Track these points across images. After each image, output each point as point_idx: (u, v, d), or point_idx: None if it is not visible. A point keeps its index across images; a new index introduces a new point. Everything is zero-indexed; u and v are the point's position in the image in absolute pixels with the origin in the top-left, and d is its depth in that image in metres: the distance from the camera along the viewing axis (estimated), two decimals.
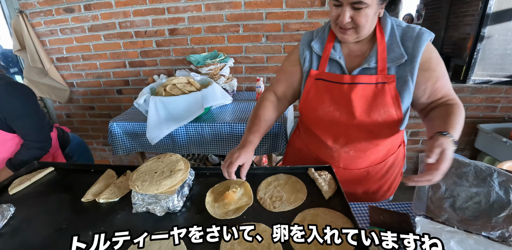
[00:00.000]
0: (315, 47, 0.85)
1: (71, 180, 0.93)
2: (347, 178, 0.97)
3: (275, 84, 0.96)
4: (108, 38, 2.04)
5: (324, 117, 0.88)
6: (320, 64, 0.86)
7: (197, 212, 0.74)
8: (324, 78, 0.85)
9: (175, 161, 0.81)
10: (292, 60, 0.92)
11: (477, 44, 1.99)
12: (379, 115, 0.81)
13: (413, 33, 0.78)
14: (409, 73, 0.78)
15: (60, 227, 0.71)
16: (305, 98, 0.90)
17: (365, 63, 0.80)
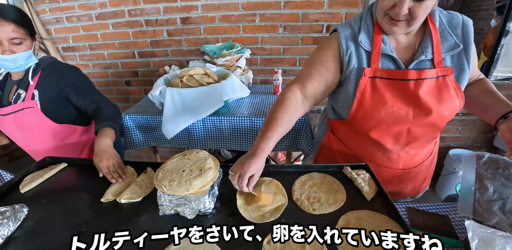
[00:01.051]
0: (363, 42, 0.76)
1: (87, 177, 0.87)
2: (401, 177, 0.92)
3: (305, 79, 0.81)
4: (117, 27, 1.95)
5: (386, 119, 0.79)
6: (372, 60, 0.76)
7: (230, 214, 0.68)
8: (382, 76, 0.77)
9: (203, 159, 0.74)
10: (329, 56, 0.80)
11: (501, 39, 1.91)
12: (448, 109, 0.77)
13: (458, 20, 0.76)
14: (465, 62, 0.76)
15: (80, 230, 0.65)
16: (361, 102, 0.79)
17: (421, 55, 0.74)
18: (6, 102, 1.05)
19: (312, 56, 0.84)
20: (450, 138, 2.19)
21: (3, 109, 1.03)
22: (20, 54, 0.94)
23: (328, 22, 1.75)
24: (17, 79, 1.05)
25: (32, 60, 0.99)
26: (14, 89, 1.05)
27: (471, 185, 0.77)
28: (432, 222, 0.76)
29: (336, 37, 0.79)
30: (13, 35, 0.90)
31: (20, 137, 1.09)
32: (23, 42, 0.94)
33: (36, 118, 1.03)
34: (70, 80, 1.04)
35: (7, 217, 0.65)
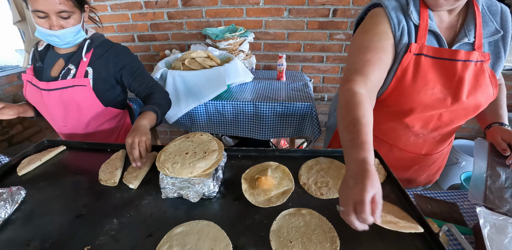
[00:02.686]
0: (413, 14, 0.70)
1: (86, 160, 0.85)
2: (421, 163, 0.90)
3: (365, 68, 0.68)
4: (115, 9, 1.87)
5: (422, 101, 0.73)
6: (419, 36, 0.71)
7: (235, 198, 0.66)
8: (428, 54, 0.71)
9: (207, 141, 0.71)
10: (381, 33, 0.71)
11: None
12: (482, 96, 0.73)
13: (496, 7, 0.73)
14: (502, 50, 0.72)
15: (79, 213, 0.63)
16: (400, 80, 0.73)
17: (464, 38, 0.70)
18: (49, 76, 0.98)
19: (360, 40, 0.73)
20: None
21: (49, 84, 0.95)
22: (69, 29, 0.87)
23: (334, 5, 1.68)
24: (64, 53, 0.99)
25: (81, 35, 0.93)
26: (60, 63, 0.98)
27: (483, 172, 0.75)
28: (440, 209, 0.75)
29: (383, 11, 0.72)
30: (61, 7, 0.82)
31: (61, 115, 1.02)
32: (71, 15, 0.86)
33: (85, 98, 0.97)
34: (127, 63, 0.99)
35: (4, 199, 0.63)
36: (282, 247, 0.51)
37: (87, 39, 0.97)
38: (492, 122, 0.81)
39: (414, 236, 0.54)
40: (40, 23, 0.85)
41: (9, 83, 2.04)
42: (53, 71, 0.99)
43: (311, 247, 0.50)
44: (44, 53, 1.01)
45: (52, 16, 0.83)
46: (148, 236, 0.56)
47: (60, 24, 0.86)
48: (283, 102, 1.21)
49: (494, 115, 0.82)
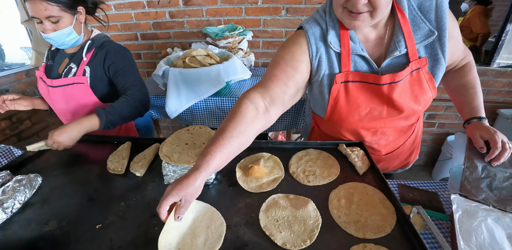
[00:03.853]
0: (332, 43, 0.69)
1: (95, 152, 0.92)
2: (386, 160, 0.95)
3: (268, 82, 0.69)
4: (119, 8, 1.94)
5: (361, 120, 0.79)
6: (342, 63, 0.71)
7: (230, 185, 0.73)
8: (354, 79, 0.72)
9: (205, 133, 0.78)
10: (296, 55, 0.71)
11: (507, 25, 1.88)
12: (421, 102, 0.75)
13: (430, 2, 0.68)
14: (440, 51, 0.69)
15: (91, 197, 0.70)
16: (334, 108, 0.77)
17: (394, 51, 0.68)
18: (56, 74, 1.07)
19: (276, 56, 0.74)
20: (449, 124, 2.21)
21: (54, 81, 1.04)
22: (60, 32, 0.93)
23: None
24: (70, 53, 1.06)
25: (74, 36, 0.98)
26: (66, 62, 1.06)
27: (461, 164, 0.80)
28: (421, 198, 0.80)
29: (304, 36, 0.71)
30: (48, 13, 0.88)
31: (64, 109, 1.10)
32: (60, 19, 0.91)
33: (84, 94, 1.04)
34: (114, 61, 1.03)
35: (23, 184, 0.70)
36: (269, 225, 0.58)
37: (88, 40, 1.04)
38: (470, 117, 0.80)
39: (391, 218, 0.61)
40: (38, 27, 0.93)
41: (17, 80, 2.12)
42: (60, 69, 1.07)
43: (295, 224, 0.57)
44: (55, 52, 1.10)
45: (43, 21, 0.90)
46: (152, 216, 0.63)
47: (52, 27, 0.92)
48: None
49: (471, 109, 0.81)
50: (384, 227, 0.58)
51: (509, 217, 0.67)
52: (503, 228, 0.64)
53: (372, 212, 0.61)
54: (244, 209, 0.64)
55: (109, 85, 1.09)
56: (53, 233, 0.60)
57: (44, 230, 0.60)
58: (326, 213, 0.62)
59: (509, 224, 0.65)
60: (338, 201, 0.65)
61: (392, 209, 0.63)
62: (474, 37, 2.73)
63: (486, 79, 2.00)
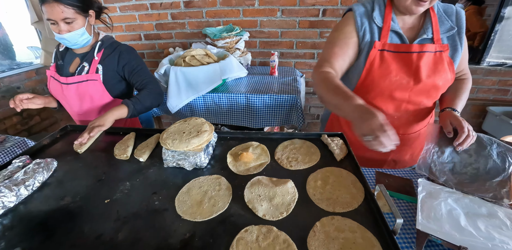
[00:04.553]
0: (376, 18, 0.88)
1: (103, 141, 1.02)
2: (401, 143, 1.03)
3: (332, 58, 0.90)
4: (124, 10, 2.04)
5: (390, 86, 0.91)
6: (382, 35, 0.89)
7: (221, 169, 0.82)
8: (389, 49, 0.89)
9: (200, 123, 0.88)
10: (347, 32, 0.91)
11: (496, 25, 1.96)
12: (440, 79, 0.90)
13: (452, 9, 0.91)
14: (459, 42, 0.90)
15: (100, 178, 0.80)
16: (369, 71, 0.91)
17: (423, 34, 0.88)
18: (68, 72, 1.18)
19: (330, 37, 0.94)
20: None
21: (68, 79, 1.15)
22: (74, 32, 1.04)
23: (324, 6, 1.82)
24: (80, 53, 1.17)
25: (86, 37, 1.10)
26: (77, 61, 1.17)
27: (431, 150, 0.89)
28: (396, 184, 0.89)
29: (352, 15, 0.91)
30: (63, 15, 0.99)
31: (78, 105, 1.21)
32: (74, 21, 1.02)
33: (97, 90, 1.16)
34: (128, 61, 1.16)
35: (42, 167, 0.81)
36: (252, 199, 0.67)
37: (98, 41, 1.14)
38: (446, 107, 0.93)
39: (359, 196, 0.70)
40: (53, 29, 1.04)
41: (28, 78, 2.24)
42: (71, 68, 1.18)
43: (275, 199, 0.67)
44: (64, 53, 1.20)
45: (59, 22, 1.01)
46: (153, 193, 0.73)
47: (66, 28, 1.03)
48: (272, 95, 1.37)
49: (450, 102, 0.95)
50: (352, 203, 0.67)
51: (469, 198, 0.76)
52: (461, 207, 0.72)
53: (343, 191, 0.71)
54: (232, 188, 0.73)
55: (118, 82, 1.20)
56: (68, 206, 0.70)
57: (60, 204, 0.71)
58: (303, 191, 0.71)
59: (468, 204, 0.74)
60: (315, 182, 0.75)
61: (362, 189, 0.72)
62: (472, 37, 2.80)
63: (476, 78, 2.07)
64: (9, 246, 0.58)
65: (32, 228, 0.64)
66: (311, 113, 2.23)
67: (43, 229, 0.63)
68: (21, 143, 1.36)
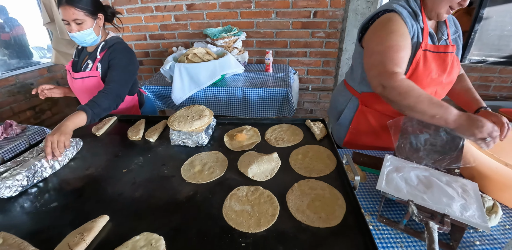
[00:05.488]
0: (420, 21, 0.93)
1: (117, 126, 1.18)
2: None
3: (401, 63, 0.88)
4: (130, 12, 2.20)
5: (429, 83, 0.98)
6: (424, 36, 0.94)
7: (219, 146, 0.98)
8: (431, 50, 0.96)
9: (202, 109, 1.03)
10: (404, 34, 0.91)
11: (475, 24, 2.11)
12: (456, 73, 1.04)
13: (450, 16, 1.03)
14: (460, 43, 1.05)
15: (117, 154, 0.96)
16: (414, 70, 0.96)
17: (443, 36, 1.00)
18: (79, 68, 1.33)
19: (391, 40, 0.90)
20: None
21: (75, 74, 1.30)
22: (83, 32, 1.18)
23: (315, 8, 1.97)
24: (90, 52, 1.32)
25: (93, 36, 1.23)
26: (86, 59, 1.32)
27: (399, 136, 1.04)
28: (370, 161, 1.03)
29: (399, 17, 0.91)
30: (74, 16, 1.13)
31: (83, 98, 1.35)
32: (83, 22, 1.17)
33: (96, 86, 1.28)
34: (113, 58, 1.25)
35: (73, 145, 0.96)
36: (244, 165, 0.83)
37: (102, 42, 1.28)
38: (478, 107, 1.02)
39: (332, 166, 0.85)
40: (67, 28, 1.19)
41: (40, 75, 2.41)
42: (82, 64, 1.33)
43: (262, 165, 0.82)
44: (81, 51, 1.37)
45: (71, 22, 1.16)
46: (162, 165, 0.88)
47: (77, 28, 1.17)
48: (265, 88, 1.52)
49: (476, 101, 1.05)
50: (325, 170, 0.82)
51: (429, 171, 0.89)
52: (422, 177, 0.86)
53: (319, 162, 0.86)
54: (229, 160, 0.89)
55: None
56: (92, 174, 0.85)
57: (86, 173, 0.86)
58: (286, 162, 0.87)
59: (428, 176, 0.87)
60: (296, 155, 0.90)
61: (335, 160, 0.87)
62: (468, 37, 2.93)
63: None
64: (48, 202, 0.74)
65: (64, 190, 0.79)
66: (304, 108, 2.39)
67: (73, 191, 0.78)
68: (40, 131, 1.52)
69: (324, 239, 0.59)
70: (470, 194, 0.77)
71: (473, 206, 0.71)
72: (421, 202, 0.72)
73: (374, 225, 0.73)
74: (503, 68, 2.18)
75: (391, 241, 0.69)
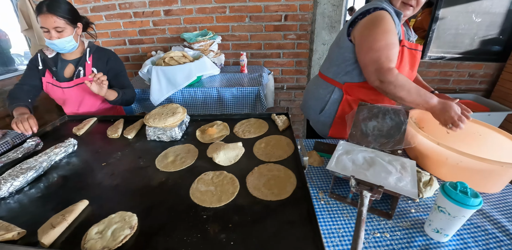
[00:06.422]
0: (400, 19, 1.03)
1: (97, 127, 1.26)
2: None
3: (395, 59, 1.00)
4: (109, 18, 2.27)
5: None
6: (402, 32, 1.05)
7: (192, 140, 1.08)
8: (407, 46, 1.06)
9: (175, 107, 1.13)
10: (395, 33, 1.00)
11: (433, 24, 2.30)
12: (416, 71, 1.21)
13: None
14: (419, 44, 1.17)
15: (97, 151, 1.04)
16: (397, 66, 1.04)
17: (411, 36, 1.13)
18: (64, 77, 1.38)
19: (386, 38, 0.98)
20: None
21: (68, 83, 1.36)
22: (63, 39, 1.25)
23: (285, 12, 2.11)
24: (72, 59, 1.38)
25: (72, 44, 1.30)
26: (71, 67, 1.39)
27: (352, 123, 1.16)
28: (329, 148, 1.15)
29: (389, 15, 1.00)
30: (55, 24, 1.19)
31: (76, 103, 1.43)
32: (64, 30, 1.23)
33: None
34: (113, 66, 1.41)
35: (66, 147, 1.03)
36: (212, 152, 0.93)
37: (87, 48, 1.37)
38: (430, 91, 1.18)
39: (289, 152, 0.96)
40: (45, 35, 1.25)
41: None
42: (66, 73, 1.39)
43: (227, 152, 0.92)
44: (56, 60, 1.39)
45: (51, 30, 1.22)
46: (138, 157, 0.97)
47: (57, 36, 1.24)
48: (239, 87, 1.63)
49: (426, 87, 1.22)
50: (283, 156, 0.93)
51: (375, 153, 1.02)
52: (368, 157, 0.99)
53: (279, 149, 0.97)
54: (199, 150, 0.99)
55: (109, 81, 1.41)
56: (74, 168, 0.93)
57: (67, 168, 0.94)
58: (250, 151, 0.97)
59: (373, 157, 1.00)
60: (259, 144, 1.01)
61: (293, 147, 0.98)
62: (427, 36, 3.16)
63: (420, 70, 2.41)
64: (33, 193, 0.82)
65: (49, 180, 0.87)
66: (281, 106, 2.51)
67: (57, 181, 0.87)
68: (21, 135, 1.57)
69: (274, 209, 0.70)
70: (408, 170, 0.89)
71: (407, 179, 0.83)
72: (363, 177, 0.84)
73: (325, 200, 0.85)
74: (459, 64, 2.37)
75: (339, 213, 0.80)
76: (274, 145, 1.00)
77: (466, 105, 2.22)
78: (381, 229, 0.74)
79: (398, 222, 0.76)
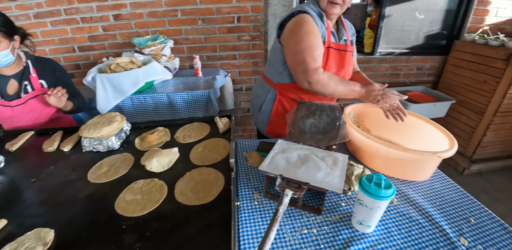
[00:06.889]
0: (324, 21, 1.07)
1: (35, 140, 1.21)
2: None
3: (320, 59, 1.05)
4: (55, 24, 2.17)
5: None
6: (328, 35, 1.08)
7: (131, 148, 1.07)
8: (334, 47, 1.10)
9: (113, 116, 1.11)
10: (318, 35, 1.04)
11: (380, 22, 2.41)
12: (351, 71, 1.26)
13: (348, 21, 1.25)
14: (355, 44, 1.26)
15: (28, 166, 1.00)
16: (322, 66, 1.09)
17: (343, 36, 1.17)
18: (8, 95, 1.29)
19: (308, 40, 1.02)
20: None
21: (15, 101, 1.28)
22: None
23: (237, 14, 2.13)
24: (12, 74, 1.29)
25: (10, 57, 1.22)
26: (13, 83, 1.29)
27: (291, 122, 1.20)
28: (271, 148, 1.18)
29: (311, 18, 1.04)
30: None
31: (25, 119, 1.35)
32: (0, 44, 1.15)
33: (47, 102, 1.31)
34: (60, 77, 1.39)
35: None
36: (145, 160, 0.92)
37: (27, 60, 1.30)
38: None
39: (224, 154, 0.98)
40: None
41: None
42: (9, 90, 1.30)
43: (162, 157, 0.92)
44: None
45: None
46: (71, 170, 0.95)
47: None
48: (189, 92, 1.63)
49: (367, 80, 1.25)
50: (218, 159, 0.95)
51: (310, 150, 1.06)
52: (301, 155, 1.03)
53: (215, 152, 0.99)
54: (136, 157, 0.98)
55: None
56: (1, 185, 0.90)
57: None
58: (186, 155, 0.98)
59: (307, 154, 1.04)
60: (197, 148, 1.02)
61: (228, 150, 1.00)
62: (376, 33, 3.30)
63: (372, 66, 2.52)
64: None
65: None
66: (241, 107, 2.53)
67: None
68: None
69: (195, 213, 0.72)
70: (339, 165, 0.93)
71: (336, 174, 0.87)
72: (293, 175, 0.87)
73: (259, 201, 0.87)
74: (408, 58, 2.51)
75: (270, 212, 0.83)
76: (211, 148, 1.02)
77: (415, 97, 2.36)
78: (309, 225, 0.75)
79: (327, 216, 0.78)
